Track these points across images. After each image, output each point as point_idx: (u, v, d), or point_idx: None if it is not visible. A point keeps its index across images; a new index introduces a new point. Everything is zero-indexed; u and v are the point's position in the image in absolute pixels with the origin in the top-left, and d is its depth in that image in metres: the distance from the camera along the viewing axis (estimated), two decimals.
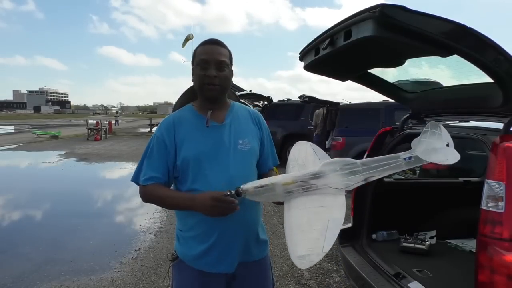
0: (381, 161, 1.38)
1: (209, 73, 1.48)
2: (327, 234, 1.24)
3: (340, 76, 2.46)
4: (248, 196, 1.40)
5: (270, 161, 1.69)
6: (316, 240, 1.23)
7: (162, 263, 3.78)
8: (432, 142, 1.35)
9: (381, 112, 7.71)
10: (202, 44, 1.55)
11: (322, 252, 1.20)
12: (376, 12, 1.41)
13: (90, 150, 14.20)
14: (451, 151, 1.33)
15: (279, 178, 1.42)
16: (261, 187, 1.39)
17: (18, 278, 3.51)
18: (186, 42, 24.10)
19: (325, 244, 1.22)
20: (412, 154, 1.35)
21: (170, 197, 1.51)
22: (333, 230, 1.26)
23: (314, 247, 1.22)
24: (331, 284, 3.42)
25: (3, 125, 37.18)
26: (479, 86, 2.10)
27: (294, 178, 1.41)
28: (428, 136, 1.35)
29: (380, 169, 1.37)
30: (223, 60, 1.51)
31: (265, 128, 1.68)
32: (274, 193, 1.40)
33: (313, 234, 1.26)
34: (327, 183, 1.38)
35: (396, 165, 1.36)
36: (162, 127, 1.55)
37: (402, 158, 1.35)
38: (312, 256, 1.20)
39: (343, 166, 1.39)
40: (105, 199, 7.24)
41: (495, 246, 1.63)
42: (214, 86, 1.50)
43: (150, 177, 1.50)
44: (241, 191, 1.38)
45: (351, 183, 1.38)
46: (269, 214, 5.67)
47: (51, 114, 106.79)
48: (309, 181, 1.39)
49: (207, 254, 1.50)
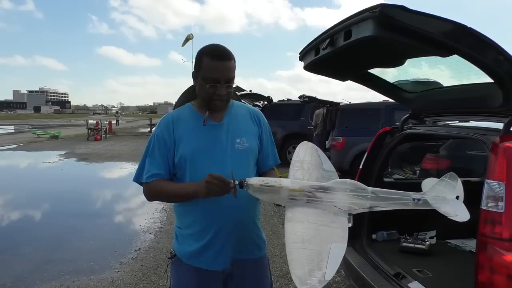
0: (390, 195, 1.38)
1: (220, 92, 1.48)
2: (329, 260, 1.23)
3: (340, 76, 2.46)
4: (251, 191, 1.39)
5: (271, 161, 1.68)
6: (318, 264, 1.22)
7: (162, 263, 3.78)
8: (445, 192, 1.36)
9: (381, 112, 7.71)
10: (210, 57, 1.47)
11: (324, 279, 1.19)
12: (376, 12, 1.41)
13: (90, 150, 14.19)
14: (461, 207, 1.34)
15: (287, 183, 1.41)
16: (267, 186, 1.38)
17: (18, 278, 3.51)
18: (186, 42, 24.11)
19: (328, 271, 1.20)
20: (422, 196, 1.36)
21: (176, 186, 1.52)
22: (336, 258, 1.24)
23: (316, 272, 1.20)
24: (331, 284, 3.42)
25: (3, 125, 37.19)
26: (479, 86, 2.10)
27: (302, 186, 1.40)
28: (443, 185, 1.36)
29: (387, 201, 1.37)
30: (233, 77, 1.50)
31: (265, 126, 1.68)
32: (278, 195, 1.40)
33: (315, 256, 1.24)
34: (333, 200, 1.37)
35: (404, 203, 1.37)
36: (161, 125, 1.56)
37: (411, 198, 1.36)
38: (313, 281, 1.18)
39: (353, 188, 1.39)
40: (105, 199, 7.25)
41: (495, 246, 1.63)
42: (222, 102, 1.52)
43: (153, 174, 1.51)
44: (245, 184, 1.37)
45: (355, 207, 1.37)
46: (269, 214, 5.67)
47: (51, 114, 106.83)
48: (315, 193, 1.38)
49: (203, 251, 1.51)
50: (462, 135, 2.43)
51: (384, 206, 1.37)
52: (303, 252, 1.26)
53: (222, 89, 1.48)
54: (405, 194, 1.38)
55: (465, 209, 1.33)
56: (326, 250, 1.26)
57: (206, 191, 1.38)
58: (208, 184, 1.37)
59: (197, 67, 1.52)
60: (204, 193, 1.39)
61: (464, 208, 1.33)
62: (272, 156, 1.69)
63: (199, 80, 1.51)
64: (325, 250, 1.26)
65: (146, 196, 1.57)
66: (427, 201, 1.35)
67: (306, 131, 10.16)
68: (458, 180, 1.37)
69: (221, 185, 1.36)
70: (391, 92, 2.74)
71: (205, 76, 1.47)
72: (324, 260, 1.23)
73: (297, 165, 1.59)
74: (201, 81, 1.50)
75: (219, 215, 1.49)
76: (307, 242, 1.28)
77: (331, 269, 1.21)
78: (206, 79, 1.47)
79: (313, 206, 1.37)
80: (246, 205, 1.53)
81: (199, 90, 1.54)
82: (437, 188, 1.37)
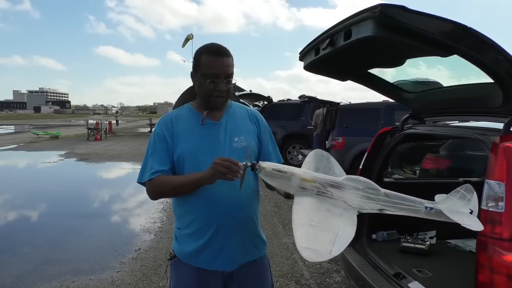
0: (403, 200, 1.35)
1: (220, 88, 1.49)
2: (336, 240, 1.22)
3: (340, 76, 2.46)
4: (262, 174, 1.38)
5: (274, 160, 1.66)
6: (326, 242, 1.21)
7: (162, 263, 3.78)
8: (459, 204, 1.32)
9: (381, 112, 7.71)
10: (209, 54, 1.50)
11: (329, 254, 1.18)
12: (376, 12, 1.41)
13: (90, 150, 14.19)
14: (474, 220, 1.31)
15: (299, 171, 1.40)
16: (279, 171, 1.38)
17: (18, 278, 3.51)
18: (186, 42, 24.08)
19: (334, 248, 1.19)
20: (435, 206, 1.33)
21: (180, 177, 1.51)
22: (344, 240, 1.23)
23: (323, 247, 1.20)
24: (331, 284, 3.42)
25: (3, 125, 37.19)
26: (479, 86, 2.10)
27: (314, 177, 1.39)
28: (458, 196, 1.34)
29: (399, 206, 1.34)
30: (232, 73, 1.52)
31: (264, 126, 1.68)
32: (288, 183, 1.39)
33: (322, 233, 1.24)
34: (343, 196, 1.35)
35: (416, 209, 1.34)
36: (161, 124, 1.57)
37: (424, 206, 1.33)
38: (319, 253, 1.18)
39: (365, 187, 1.37)
40: (105, 199, 7.24)
41: (495, 246, 1.63)
42: (222, 98, 1.53)
43: (156, 170, 1.49)
44: (257, 166, 1.37)
45: (365, 207, 1.35)
46: (269, 214, 5.67)
47: (51, 114, 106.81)
48: (327, 187, 1.37)
49: (203, 250, 1.51)
50: (462, 135, 2.43)
51: (394, 210, 1.34)
52: (309, 228, 1.25)
53: (222, 84, 1.49)
54: (418, 201, 1.34)
55: (478, 221, 1.30)
56: (334, 231, 1.25)
57: (213, 172, 1.36)
58: (215, 165, 1.35)
59: (196, 65, 1.53)
60: (211, 175, 1.37)
61: (477, 220, 1.31)
62: (275, 155, 1.68)
63: (199, 78, 1.52)
64: (333, 231, 1.25)
65: (149, 194, 1.54)
66: (440, 211, 1.31)
67: (306, 131, 10.18)
68: (474, 193, 1.32)
69: (228, 165, 1.33)
70: (391, 92, 2.74)
71: (204, 72, 1.48)
72: (332, 240, 1.22)
73: (308, 165, 1.57)
74: (201, 78, 1.51)
75: (218, 213, 1.49)
76: (315, 222, 1.27)
77: (338, 248, 1.20)
78: (206, 75, 1.48)
79: (322, 199, 1.36)
80: (245, 204, 1.53)
81: (199, 87, 1.54)
82: (451, 199, 1.33)
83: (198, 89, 1.56)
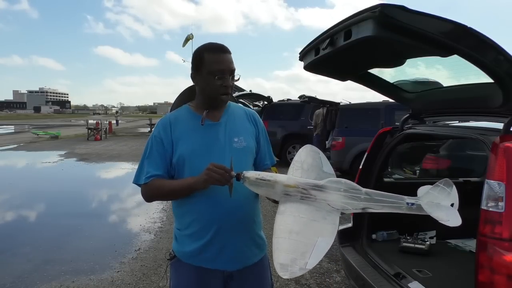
0: (384, 197, 1.37)
1: (227, 84, 1.50)
2: (313, 251, 1.24)
3: (340, 76, 2.46)
4: (247, 184, 1.41)
5: (268, 160, 1.70)
6: (302, 254, 1.24)
7: (162, 263, 3.78)
8: (439, 198, 1.34)
9: (381, 112, 7.72)
10: (212, 51, 1.50)
11: (305, 268, 1.21)
12: (376, 12, 1.41)
13: (90, 150, 14.19)
14: (454, 213, 1.33)
15: (282, 178, 1.43)
16: (263, 180, 1.41)
17: (18, 278, 3.51)
18: (186, 42, 24.07)
19: (310, 260, 1.22)
20: (416, 201, 1.35)
21: (173, 181, 1.52)
22: (321, 250, 1.26)
23: (299, 260, 1.22)
24: (331, 284, 3.42)
25: (3, 125, 37.19)
26: (479, 86, 2.10)
27: (297, 183, 1.42)
28: (437, 191, 1.36)
29: (381, 204, 1.37)
30: (235, 69, 1.53)
31: (261, 127, 1.70)
32: (273, 190, 1.42)
33: (300, 246, 1.26)
34: (326, 198, 1.38)
35: (398, 206, 1.37)
36: (159, 127, 1.57)
37: (405, 202, 1.36)
38: (294, 269, 1.20)
39: (347, 188, 1.39)
40: (105, 199, 7.24)
41: (495, 246, 1.63)
42: (227, 96, 1.54)
43: (152, 174, 1.51)
44: (242, 176, 1.40)
45: (348, 207, 1.38)
46: (269, 214, 5.67)
47: (51, 114, 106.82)
48: (310, 190, 1.39)
49: (203, 250, 1.51)
50: (462, 135, 2.43)
51: (377, 208, 1.37)
52: (288, 242, 1.28)
53: (229, 80, 1.50)
54: (399, 198, 1.38)
55: (457, 215, 1.33)
56: (312, 242, 1.27)
57: (206, 178, 1.37)
58: (209, 171, 1.37)
59: (198, 65, 1.51)
60: (204, 180, 1.38)
61: (457, 214, 1.33)
62: (269, 156, 1.72)
63: (204, 76, 1.50)
64: (312, 243, 1.27)
65: (144, 197, 1.56)
66: (420, 206, 1.35)
67: (306, 131, 10.17)
68: (453, 186, 1.36)
69: (222, 172, 1.36)
70: (391, 92, 2.74)
71: (211, 70, 1.48)
72: (309, 251, 1.25)
73: (297, 164, 1.60)
74: (206, 76, 1.49)
75: (218, 214, 1.49)
76: (295, 234, 1.30)
77: (314, 259, 1.23)
78: (212, 72, 1.48)
79: (306, 203, 1.39)
80: (245, 204, 1.53)
81: (206, 86, 1.52)
82: (432, 193, 1.36)
83: (203, 87, 1.54)
